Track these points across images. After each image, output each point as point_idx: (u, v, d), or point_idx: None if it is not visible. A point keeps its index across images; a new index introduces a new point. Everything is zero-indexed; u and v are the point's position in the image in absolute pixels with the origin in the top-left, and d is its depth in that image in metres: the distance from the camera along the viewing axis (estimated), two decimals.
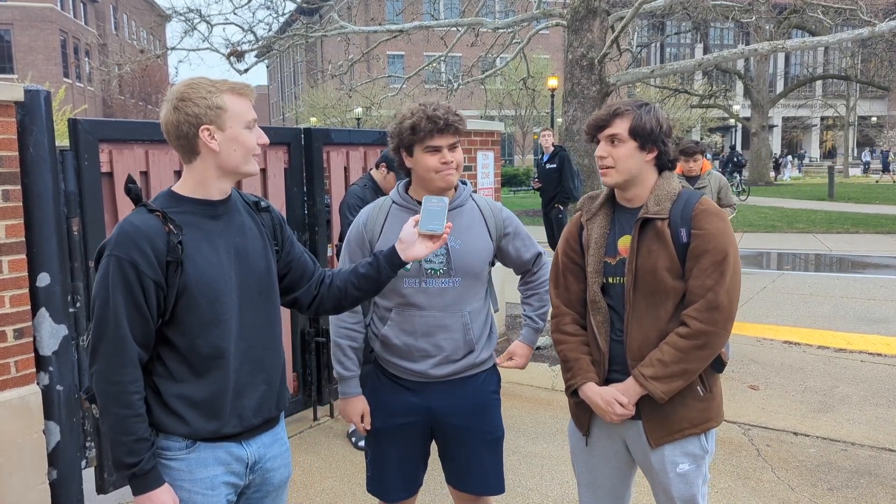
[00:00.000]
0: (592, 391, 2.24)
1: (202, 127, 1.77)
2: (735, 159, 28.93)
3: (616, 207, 2.30)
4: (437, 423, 2.43)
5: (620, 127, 2.17)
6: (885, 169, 37.32)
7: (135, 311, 1.72)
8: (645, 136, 2.17)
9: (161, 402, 1.79)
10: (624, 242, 2.23)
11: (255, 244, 1.91)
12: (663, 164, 2.24)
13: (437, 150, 2.28)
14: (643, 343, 2.17)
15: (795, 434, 4.50)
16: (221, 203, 1.87)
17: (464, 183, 2.49)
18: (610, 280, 2.24)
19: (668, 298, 2.15)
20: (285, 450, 2.05)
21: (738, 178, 27.04)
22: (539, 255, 2.60)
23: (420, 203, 2.38)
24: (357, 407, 2.46)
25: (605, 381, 2.25)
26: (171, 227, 1.75)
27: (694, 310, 2.10)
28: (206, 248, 1.80)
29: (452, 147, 2.31)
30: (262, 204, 2.01)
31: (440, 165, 2.29)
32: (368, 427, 2.46)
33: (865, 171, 42.09)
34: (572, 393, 2.31)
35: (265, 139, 1.88)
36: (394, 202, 2.44)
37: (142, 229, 1.72)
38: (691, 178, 6.05)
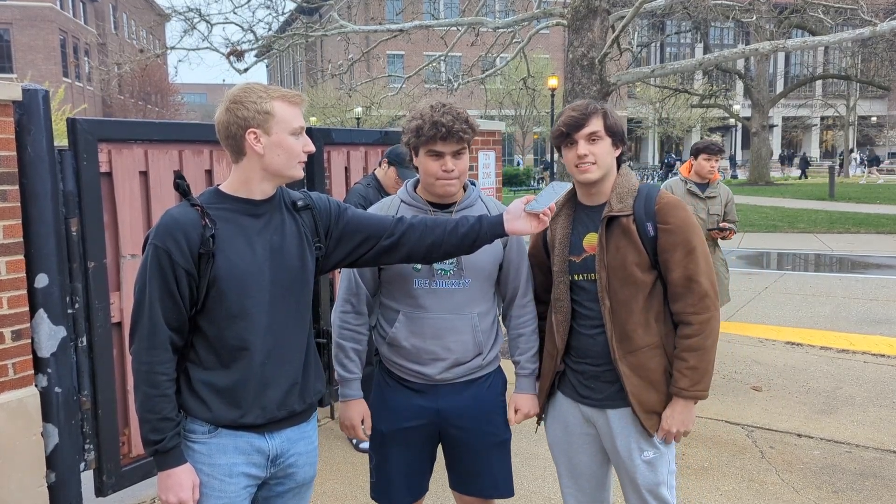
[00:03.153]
0: None
1: (249, 130, 1.86)
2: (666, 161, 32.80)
3: (577, 206, 2.39)
4: (444, 426, 2.40)
5: (597, 125, 2.26)
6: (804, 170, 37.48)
7: (168, 298, 1.82)
8: (616, 133, 2.29)
9: (190, 386, 1.90)
10: (590, 240, 2.32)
11: (291, 242, 1.98)
12: (620, 161, 2.36)
13: (438, 155, 2.24)
14: (622, 336, 2.27)
15: (799, 436, 4.47)
16: (264, 203, 1.95)
17: (472, 184, 2.46)
18: (576, 277, 2.34)
19: (640, 291, 2.26)
20: (312, 449, 2.10)
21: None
22: (528, 281, 2.46)
23: (429, 203, 2.36)
24: (358, 409, 2.42)
25: (556, 374, 2.42)
26: (207, 220, 1.84)
27: (688, 305, 2.24)
28: (241, 244, 1.88)
29: (457, 154, 2.25)
30: (301, 203, 2.05)
31: (441, 172, 2.25)
32: (369, 432, 2.41)
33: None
34: None
35: (311, 147, 1.95)
36: (402, 201, 2.40)
37: (179, 221, 1.83)
38: (702, 185, 5.37)
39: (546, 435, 2.55)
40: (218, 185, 1.97)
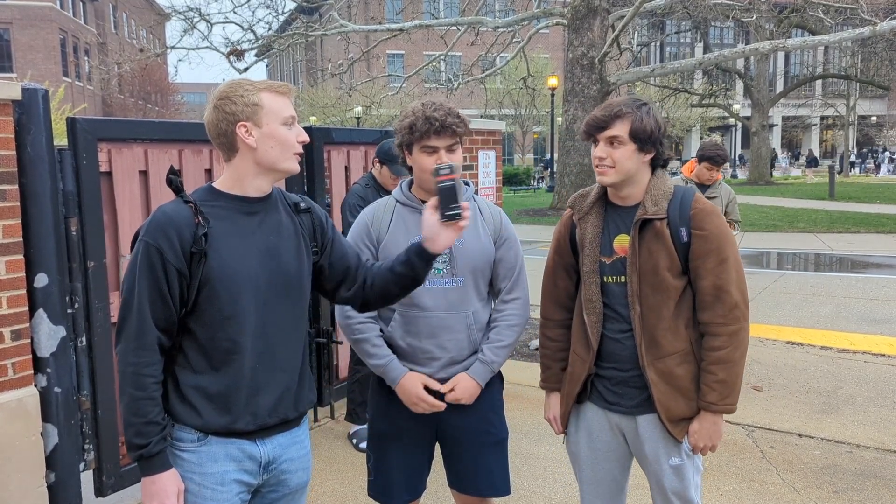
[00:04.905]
0: (551, 400, 2.51)
1: (239, 123, 1.82)
2: None
3: (608, 205, 2.32)
4: (441, 425, 2.41)
5: (621, 129, 2.18)
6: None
7: (157, 297, 1.77)
8: (645, 139, 2.19)
9: (178, 391, 1.83)
10: (621, 242, 2.26)
11: (288, 244, 1.93)
12: (657, 164, 2.27)
13: (433, 150, 2.26)
14: (651, 342, 2.22)
15: (800, 436, 4.46)
16: (259, 201, 1.90)
17: (466, 184, 2.46)
18: (606, 279, 2.28)
19: (670, 297, 2.21)
20: (304, 454, 2.04)
21: None
22: (518, 281, 2.45)
23: (423, 202, 2.36)
24: (414, 381, 2.32)
25: (588, 377, 2.33)
26: (200, 218, 1.79)
27: (717, 315, 2.19)
28: (235, 244, 1.83)
29: (450, 149, 2.27)
30: (303, 205, 2.02)
31: (434, 167, 2.26)
32: (434, 401, 2.32)
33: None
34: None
35: (305, 137, 1.91)
36: (398, 201, 2.41)
37: (172, 218, 1.77)
38: (703, 186, 5.43)
39: (567, 443, 2.50)
40: (211, 183, 1.91)
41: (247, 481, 1.90)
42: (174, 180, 1.83)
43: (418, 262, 2.01)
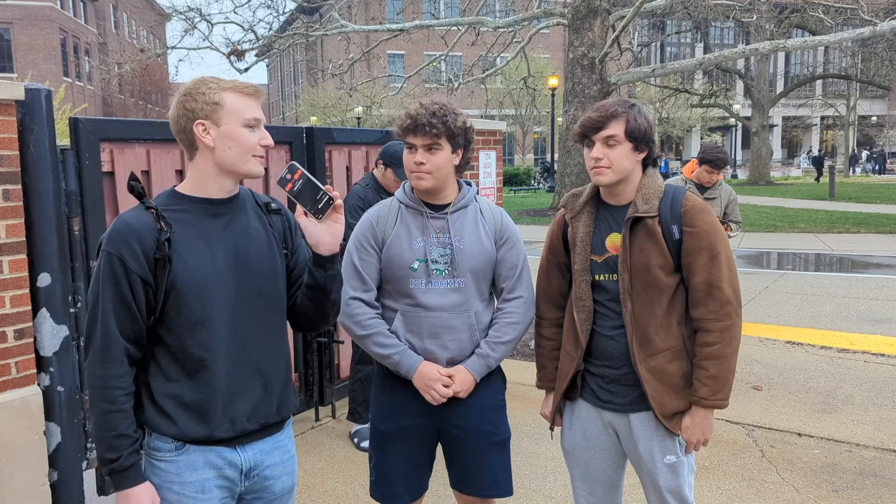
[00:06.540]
0: (548, 399, 2.57)
1: (196, 122, 1.77)
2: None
3: (600, 204, 2.35)
4: (443, 425, 2.42)
5: (616, 129, 2.21)
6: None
7: (122, 307, 1.73)
8: (639, 138, 2.23)
9: (153, 400, 1.79)
10: (613, 240, 2.28)
11: (258, 245, 1.88)
12: (648, 162, 2.30)
13: (411, 148, 2.29)
14: (643, 339, 2.24)
15: (800, 435, 4.48)
16: (224, 202, 1.84)
17: (468, 184, 2.47)
18: (597, 277, 2.30)
19: (662, 294, 2.23)
20: (288, 458, 1.99)
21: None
22: (520, 280, 2.44)
23: (424, 202, 2.37)
24: (429, 369, 2.33)
25: (576, 373, 2.36)
26: (162, 224, 1.74)
27: (709, 311, 2.21)
28: (200, 247, 1.78)
29: (429, 149, 2.27)
30: (274, 206, 1.98)
31: (412, 165, 2.29)
32: (442, 390, 2.32)
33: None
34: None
35: (269, 141, 1.84)
36: (402, 203, 2.42)
37: (133, 226, 1.73)
38: (702, 188, 5.53)
39: (562, 440, 2.52)
40: (174, 187, 1.86)
41: (229, 487, 1.86)
42: (136, 186, 1.78)
43: (317, 270, 1.92)
